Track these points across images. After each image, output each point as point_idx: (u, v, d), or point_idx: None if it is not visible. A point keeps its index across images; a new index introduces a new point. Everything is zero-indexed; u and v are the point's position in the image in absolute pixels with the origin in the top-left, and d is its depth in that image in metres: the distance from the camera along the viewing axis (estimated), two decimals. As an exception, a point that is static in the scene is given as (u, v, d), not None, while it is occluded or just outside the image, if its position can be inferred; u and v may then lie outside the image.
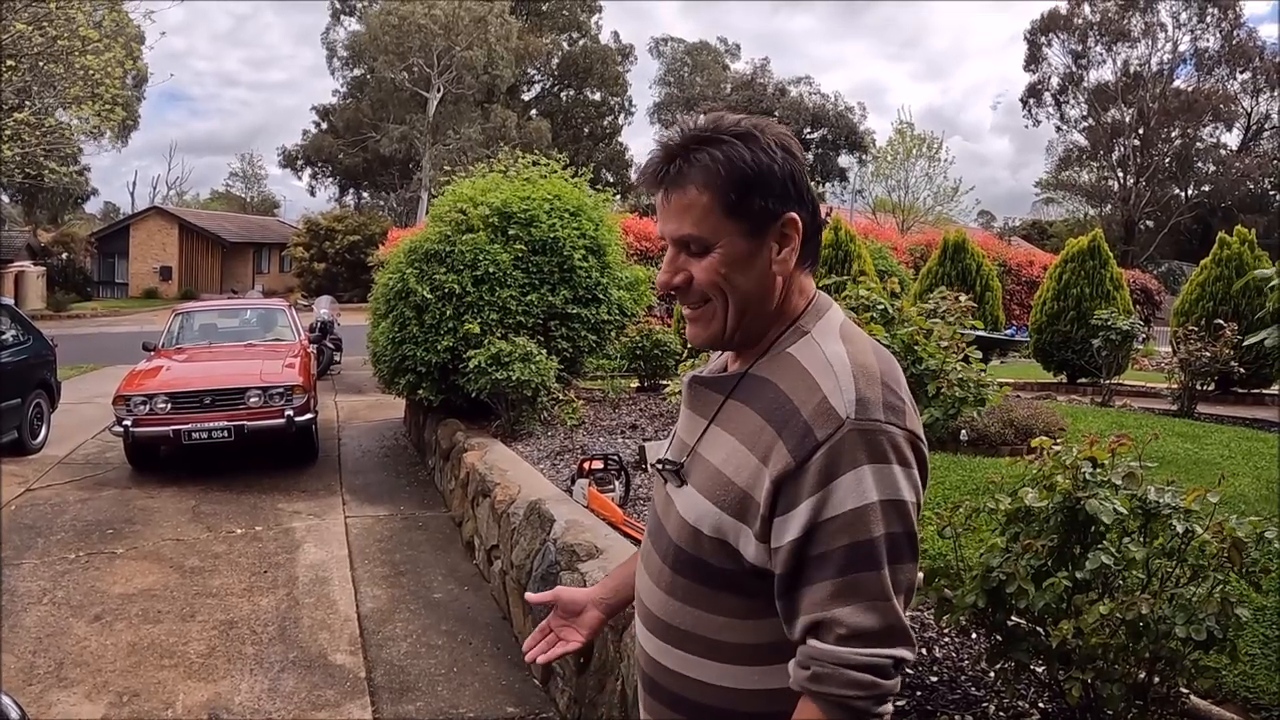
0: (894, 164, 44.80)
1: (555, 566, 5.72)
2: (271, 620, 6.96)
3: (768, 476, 1.68)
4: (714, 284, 1.80)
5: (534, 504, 6.57)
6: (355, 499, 10.24)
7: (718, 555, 1.78)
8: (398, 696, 5.80)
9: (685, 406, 2.02)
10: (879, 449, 1.65)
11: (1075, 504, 3.33)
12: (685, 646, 1.86)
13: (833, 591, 1.62)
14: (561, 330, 10.43)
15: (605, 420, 10.18)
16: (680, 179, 1.77)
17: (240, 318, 14.94)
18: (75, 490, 10.67)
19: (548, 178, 11.29)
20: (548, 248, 10.39)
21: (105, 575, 7.91)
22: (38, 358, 13.05)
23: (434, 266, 10.24)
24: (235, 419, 10.73)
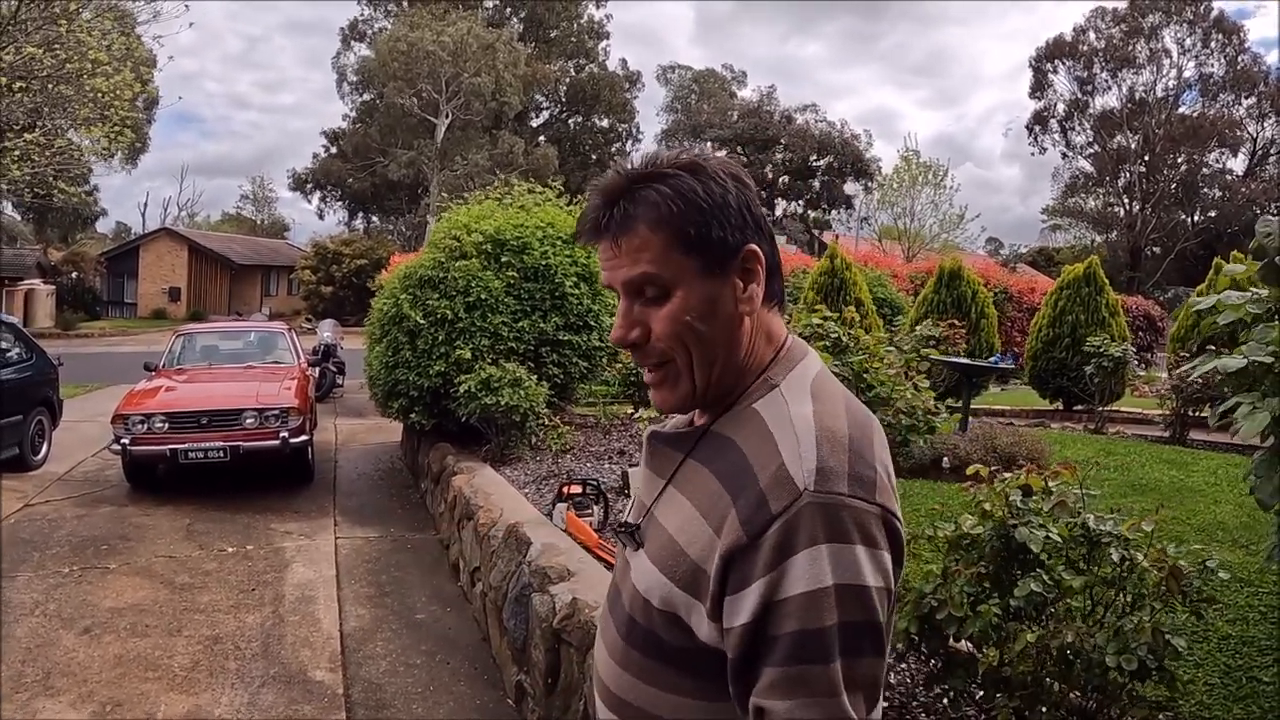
0: (899, 191, 44.94)
1: (528, 589, 5.82)
2: (256, 637, 7.08)
3: (719, 550, 1.53)
4: (676, 335, 1.63)
5: (512, 527, 6.69)
6: (347, 520, 10.35)
7: (669, 630, 1.64)
8: (373, 713, 5.92)
9: (644, 464, 1.88)
10: (839, 527, 1.48)
11: (1008, 532, 3.31)
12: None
13: (774, 681, 1.47)
14: (553, 356, 10.53)
15: (595, 446, 10.26)
16: (628, 221, 1.61)
17: (241, 340, 15.06)
18: (73, 506, 10.82)
19: (541, 205, 11.42)
20: (540, 275, 10.51)
21: (97, 589, 8.06)
22: (40, 376, 13.22)
23: (427, 292, 10.39)
24: (231, 439, 10.88)
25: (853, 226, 61.56)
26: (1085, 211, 65.42)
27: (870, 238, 50.13)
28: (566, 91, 67.04)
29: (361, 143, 60.30)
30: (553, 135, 66.61)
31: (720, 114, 69.64)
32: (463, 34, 52.50)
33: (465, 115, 55.32)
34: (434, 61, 52.54)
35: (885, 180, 49.55)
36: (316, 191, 67.20)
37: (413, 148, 56.22)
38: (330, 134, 66.41)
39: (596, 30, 67.13)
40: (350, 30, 64.06)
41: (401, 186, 59.43)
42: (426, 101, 55.32)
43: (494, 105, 55.53)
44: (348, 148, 62.46)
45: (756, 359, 1.69)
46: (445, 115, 55.10)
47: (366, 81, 60.15)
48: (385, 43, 55.34)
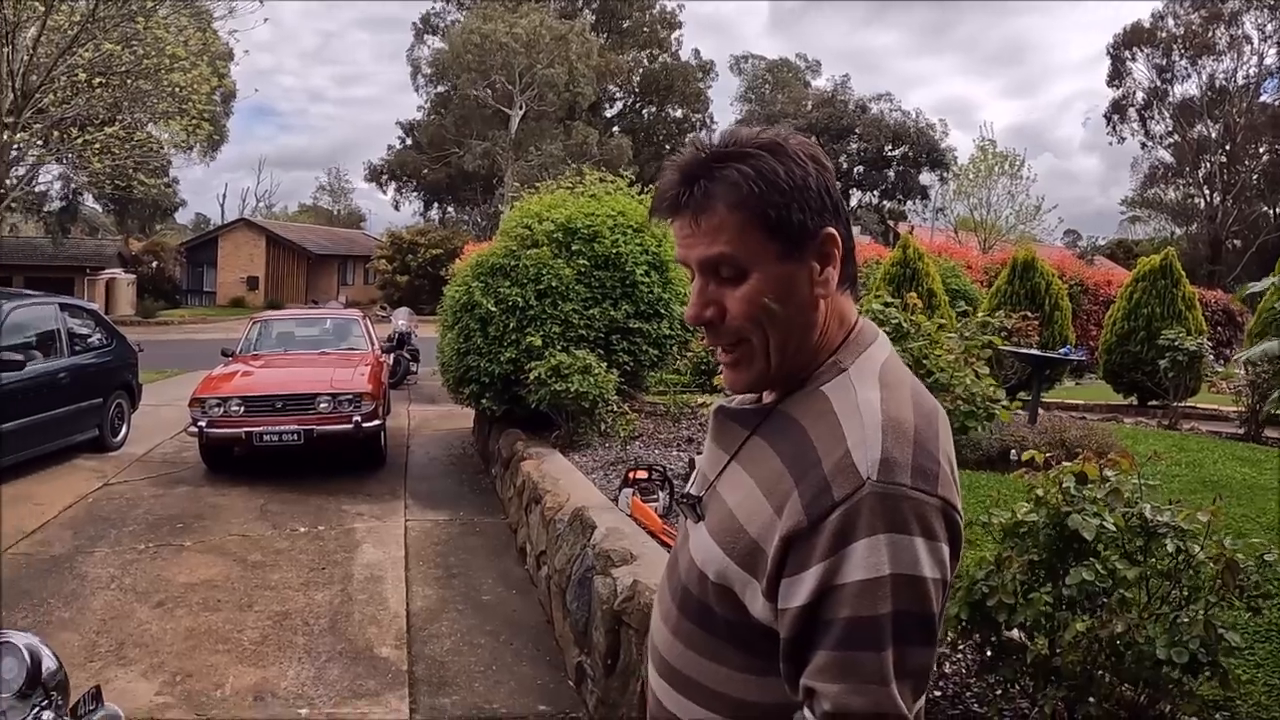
0: (975, 182, 44.34)
1: (591, 571, 5.88)
2: (324, 614, 7.26)
3: (779, 531, 1.54)
4: (751, 317, 1.62)
5: (578, 511, 6.76)
6: (417, 503, 10.50)
7: (722, 604, 1.66)
8: (435, 690, 6.04)
9: (709, 438, 1.87)
10: (899, 517, 1.49)
11: (1061, 519, 3.25)
12: (688, 694, 1.74)
13: (825, 664, 1.49)
14: (622, 344, 10.58)
15: (664, 434, 10.31)
16: (707, 201, 1.60)
17: (316, 327, 15.33)
18: (150, 486, 11.12)
19: (613, 194, 11.46)
20: (610, 263, 10.57)
21: (171, 565, 8.31)
22: (120, 361, 13.57)
23: (499, 280, 10.50)
24: (305, 423, 11.10)
25: (928, 217, 60.99)
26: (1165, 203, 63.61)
27: (946, 229, 49.60)
28: (640, 82, 66.86)
29: (436, 134, 60.60)
30: (626, 126, 66.52)
31: (794, 104, 69.23)
32: (535, 25, 52.60)
33: (539, 106, 55.46)
34: (507, 53, 52.71)
35: (961, 170, 48.72)
36: (392, 182, 67.76)
37: (487, 139, 56.41)
38: (405, 126, 66.99)
39: (669, 20, 66.93)
40: (424, 23, 64.55)
41: (476, 177, 59.69)
42: (500, 93, 55.56)
43: (567, 96, 55.60)
44: (423, 139, 62.84)
45: (827, 341, 1.68)
46: (519, 106, 55.29)
47: (440, 74, 60.35)
48: (458, 35, 55.64)
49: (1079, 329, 20.90)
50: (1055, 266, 19.07)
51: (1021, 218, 43.29)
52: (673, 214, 1.66)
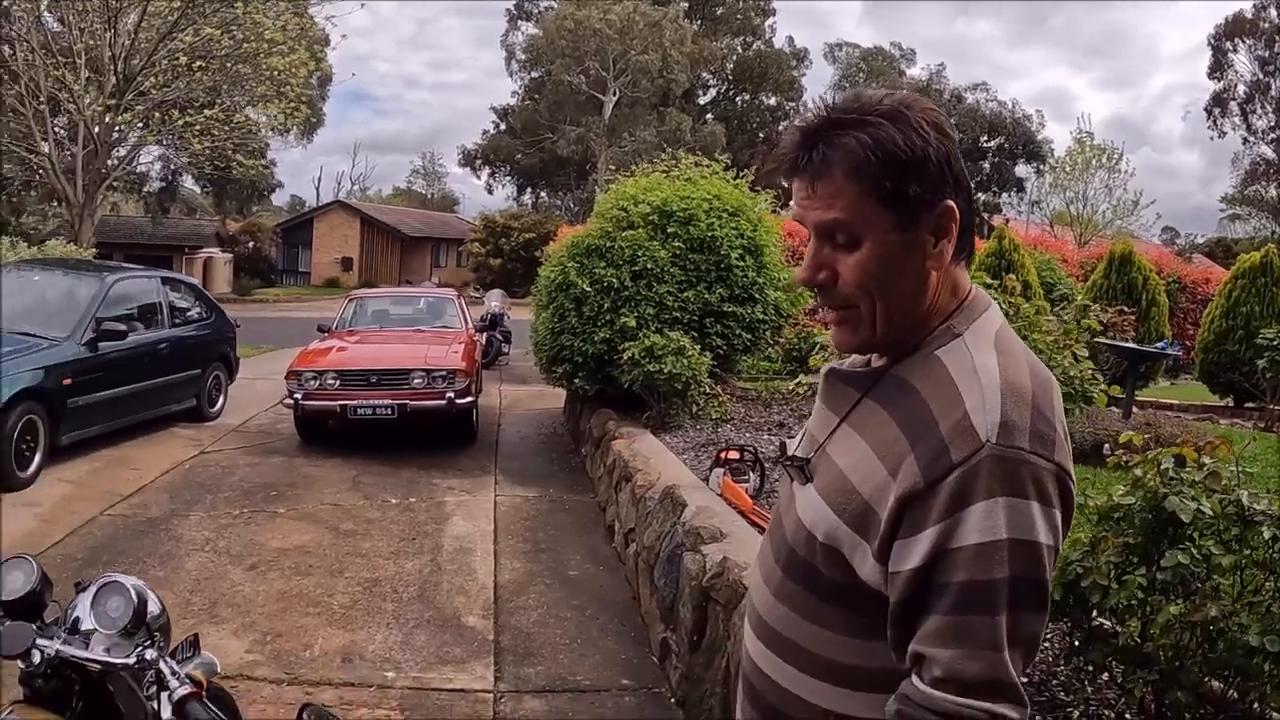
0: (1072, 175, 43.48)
1: (681, 548, 5.90)
2: (413, 582, 7.40)
3: (894, 493, 1.54)
4: (862, 284, 1.62)
5: (669, 489, 6.79)
6: (507, 479, 10.61)
7: (829, 565, 1.66)
8: (520, 660, 6.11)
9: (819, 399, 1.86)
10: (1017, 481, 1.49)
11: (1159, 502, 3.18)
12: (787, 657, 1.75)
13: (939, 629, 1.48)
14: (716, 328, 10.57)
15: (754, 418, 10.27)
16: (825, 166, 1.59)
17: (411, 305, 15.57)
18: (245, 455, 11.39)
19: (708, 178, 11.46)
20: (705, 246, 10.55)
21: (264, 531, 8.51)
22: (218, 334, 13.88)
23: (594, 261, 10.55)
24: (399, 398, 11.26)
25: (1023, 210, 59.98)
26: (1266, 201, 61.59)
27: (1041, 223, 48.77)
28: (733, 69, 66.52)
29: (530, 119, 60.85)
30: (720, 113, 66.20)
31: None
32: (629, 12, 52.65)
33: (633, 92, 55.51)
34: (601, 39, 52.81)
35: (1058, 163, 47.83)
36: (486, 167, 68.12)
37: (581, 124, 56.59)
38: (499, 111, 67.26)
39: (762, 8, 66.45)
40: (518, 9, 64.72)
41: (570, 162, 59.87)
42: (594, 79, 55.68)
43: (661, 82, 55.59)
44: (517, 124, 63.13)
45: (939, 308, 1.68)
46: (613, 92, 55.37)
47: (534, 60, 60.59)
48: (552, 21, 55.87)
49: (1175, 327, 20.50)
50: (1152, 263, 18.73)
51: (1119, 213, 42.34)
52: (791, 175, 1.67)
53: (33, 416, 9.47)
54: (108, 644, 2.49)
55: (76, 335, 10.48)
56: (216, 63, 24.51)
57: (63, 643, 2.42)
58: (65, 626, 2.53)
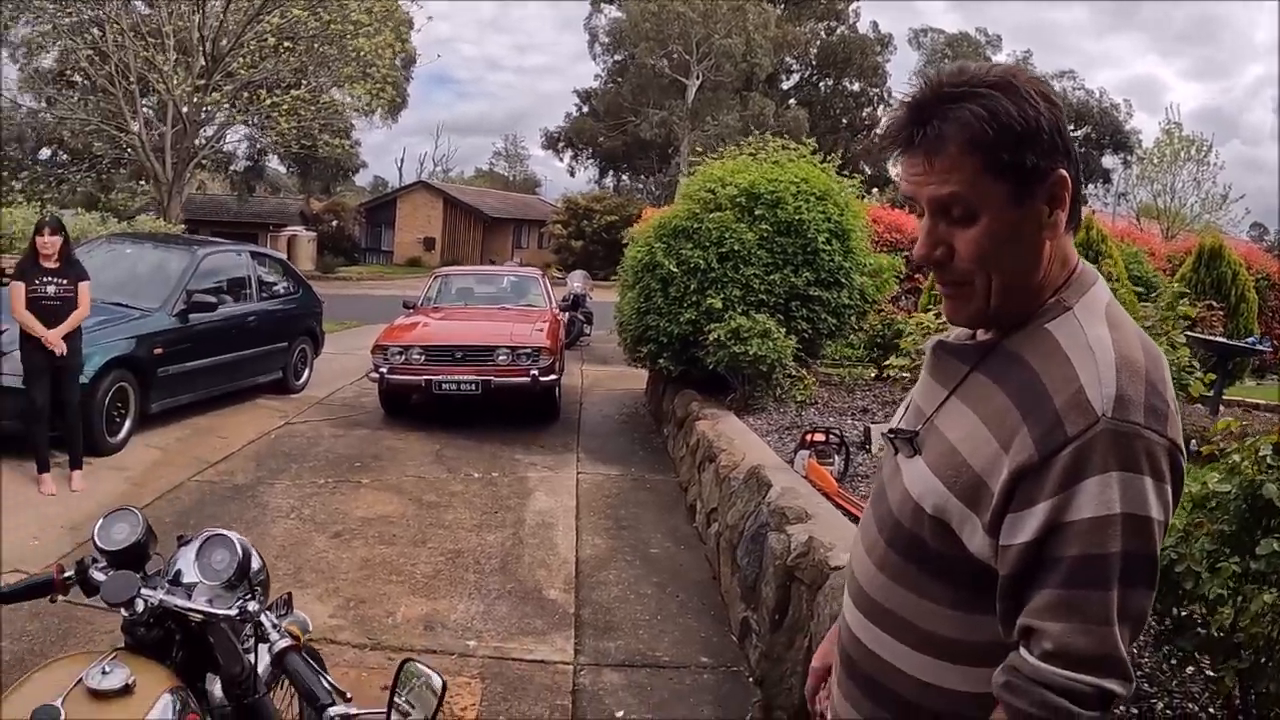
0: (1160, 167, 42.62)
1: (765, 528, 5.88)
2: (495, 554, 7.49)
3: (1006, 466, 1.54)
4: (980, 259, 1.62)
5: (754, 469, 6.77)
6: (589, 457, 10.66)
7: (936, 537, 1.66)
8: (600, 633, 6.16)
9: (926, 372, 1.87)
10: (1132, 456, 1.48)
11: (1256, 489, 3.10)
12: (888, 628, 1.75)
13: (1051, 603, 1.48)
14: (802, 311, 10.47)
15: (838, 403, 10.23)
16: (940, 141, 1.58)
17: (496, 284, 15.66)
18: (330, 427, 11.56)
19: (795, 161, 11.39)
20: (792, 229, 10.46)
21: (349, 500, 8.64)
22: (305, 309, 14.09)
23: (681, 242, 10.52)
24: (483, 374, 11.36)
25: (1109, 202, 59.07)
26: (1363, 198, 60.27)
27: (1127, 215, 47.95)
28: (817, 54, 65.90)
29: (613, 102, 60.95)
30: (803, 98, 65.70)
31: (975, 80, 67.69)
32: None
33: (716, 76, 55.40)
34: (684, 23, 52.76)
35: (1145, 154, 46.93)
36: (568, 149, 68.36)
37: (664, 108, 56.58)
38: (582, 94, 67.43)
39: (846, -9, 66.01)
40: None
41: (652, 146, 59.86)
42: (677, 62, 55.62)
43: (744, 67, 55.39)
44: (600, 107, 63.25)
45: (1049, 281, 1.66)
46: (696, 76, 55.30)
47: (618, 43, 60.70)
48: (636, 4, 55.75)
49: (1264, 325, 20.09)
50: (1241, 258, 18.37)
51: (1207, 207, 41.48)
52: (904, 151, 1.65)
53: (124, 384, 9.68)
54: (210, 595, 2.53)
55: (168, 306, 10.69)
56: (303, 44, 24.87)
57: (166, 593, 2.47)
58: (167, 578, 2.58)
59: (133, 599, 2.41)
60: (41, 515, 7.53)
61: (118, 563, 2.58)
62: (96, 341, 9.10)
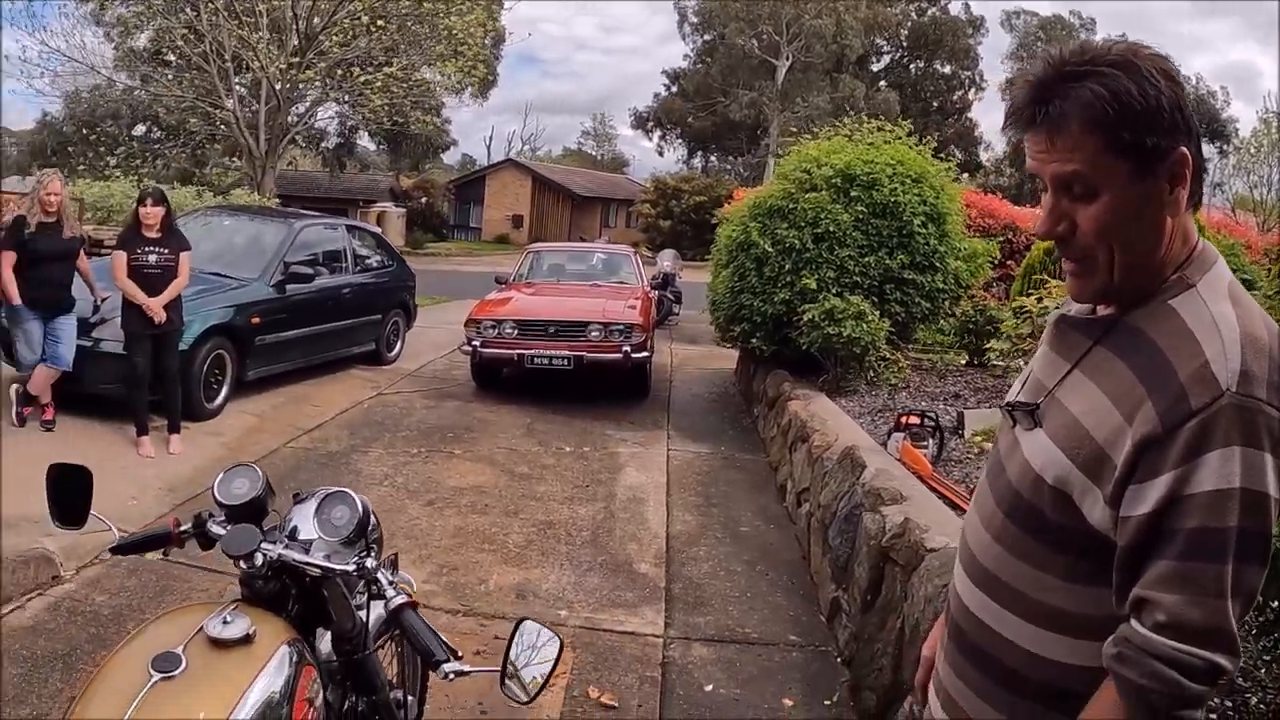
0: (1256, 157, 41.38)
1: (859, 508, 5.85)
2: (586, 527, 7.56)
3: (1130, 438, 1.55)
4: (1101, 235, 1.64)
5: (849, 449, 6.73)
6: (679, 435, 10.70)
7: (1056, 508, 1.67)
8: (690, 608, 6.20)
9: (1046, 345, 1.89)
10: (1254, 431, 1.49)
11: None
12: (1002, 600, 1.77)
13: (1165, 574, 1.49)
14: (895, 294, 10.38)
15: (929, 387, 10.09)
16: (1061, 119, 1.60)
17: (588, 261, 15.69)
18: (422, 399, 11.74)
19: (891, 143, 11.29)
20: (887, 211, 10.36)
21: (441, 469, 8.78)
22: (398, 282, 14.24)
23: (776, 221, 10.48)
24: (576, 350, 11.45)
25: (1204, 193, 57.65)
26: None
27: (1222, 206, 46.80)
28: (908, 36, 65.08)
29: (702, 83, 60.78)
30: (893, 81, 64.92)
31: (1068, 64, 66.44)
32: (803, -26, 52.14)
33: (805, 57, 55.01)
34: (774, 2, 52.54)
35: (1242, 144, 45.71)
36: (657, 129, 68.34)
37: (753, 88, 56.32)
38: (671, 74, 67.33)
39: (939, -28, 65.15)
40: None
41: (741, 127, 59.64)
42: (767, 43, 55.38)
43: (834, 48, 54.95)
44: (688, 87, 63.13)
45: (1171, 258, 1.67)
46: (786, 57, 54.97)
47: (707, 23, 60.45)
48: (726, -16, 55.54)
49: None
50: (1339, 253, 17.85)
51: (1306, 199, 40.35)
52: (1026, 129, 1.67)
53: (221, 352, 9.87)
54: (328, 551, 2.59)
55: (265, 277, 10.87)
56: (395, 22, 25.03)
57: (284, 548, 2.52)
58: (284, 533, 2.64)
59: (253, 552, 2.46)
60: (139, 477, 7.70)
61: (236, 517, 2.63)
62: (196, 310, 9.27)
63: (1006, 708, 1.80)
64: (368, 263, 13.63)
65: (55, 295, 8.38)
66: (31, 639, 5.14)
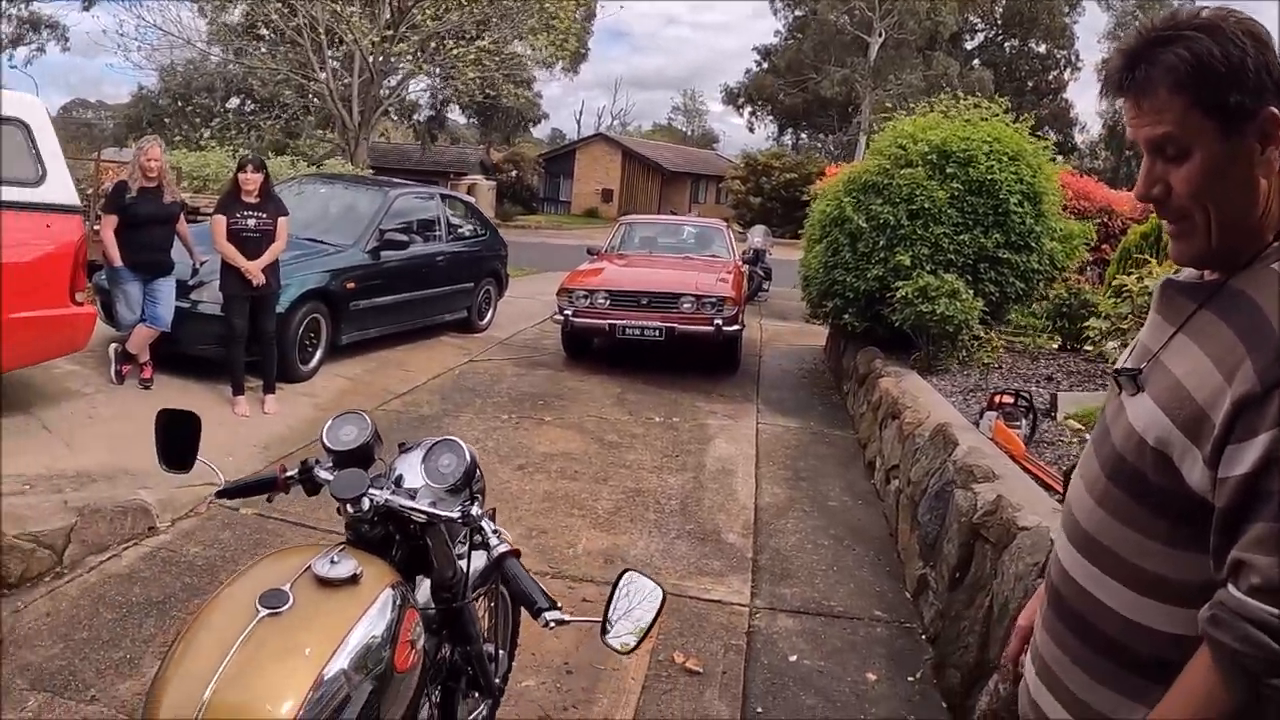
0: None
1: (950, 485, 5.81)
2: (675, 496, 7.60)
3: (1229, 398, 1.53)
4: (1193, 194, 1.66)
5: (941, 426, 6.69)
6: (768, 409, 10.70)
7: (1157, 471, 1.66)
8: (777, 579, 6.22)
9: (1154, 311, 1.89)
10: None
11: None
12: (1101, 564, 1.77)
13: (1262, 536, 1.46)
14: (989, 274, 10.25)
15: (1022, 369, 9.96)
16: (1148, 83, 1.65)
17: (680, 233, 15.75)
18: (512, 366, 11.87)
19: (987, 120, 11.15)
20: (983, 189, 10.23)
21: (531, 435, 8.88)
22: (491, 251, 14.40)
23: (870, 197, 10.42)
24: (667, 321, 11.48)
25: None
26: None
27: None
28: (1002, 13, 64.06)
29: (794, 59, 60.37)
30: (987, 59, 64.05)
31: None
32: (897, -50, 51.55)
33: (899, 34, 54.44)
34: (867, -23, 51.90)
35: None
36: (747, 106, 68.05)
37: (845, 65, 55.82)
38: (762, 50, 67.04)
39: (1034, -52, 63.98)
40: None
41: (833, 104, 59.19)
42: (859, 19, 54.87)
43: (928, 25, 54.34)
44: (780, 63, 62.74)
45: (1270, 221, 1.67)
46: (878, 33, 54.45)
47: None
48: (818, -41, 55.07)
49: None
50: None
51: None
52: (1118, 95, 1.72)
53: (317, 315, 10.07)
54: (433, 498, 2.65)
55: (361, 243, 11.03)
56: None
57: (390, 493, 2.58)
58: (390, 480, 2.69)
59: (360, 496, 2.51)
60: (235, 434, 7.87)
61: (343, 463, 2.71)
62: (292, 274, 9.43)
63: (1104, 677, 1.79)
64: (460, 231, 13.76)
65: (155, 258, 8.58)
66: (127, 586, 5.32)
